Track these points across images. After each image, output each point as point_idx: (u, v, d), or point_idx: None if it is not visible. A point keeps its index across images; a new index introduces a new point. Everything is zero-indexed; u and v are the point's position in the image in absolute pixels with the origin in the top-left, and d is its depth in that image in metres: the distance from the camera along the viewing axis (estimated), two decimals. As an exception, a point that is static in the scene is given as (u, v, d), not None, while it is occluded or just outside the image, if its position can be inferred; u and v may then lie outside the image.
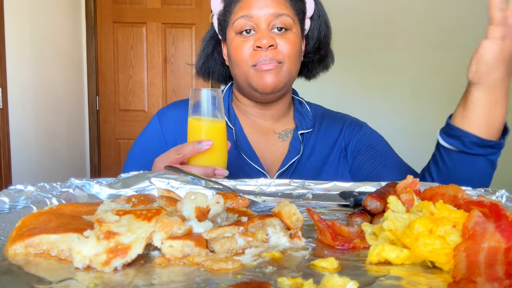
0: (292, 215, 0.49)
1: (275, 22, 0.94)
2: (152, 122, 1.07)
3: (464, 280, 0.36)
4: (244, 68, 0.95)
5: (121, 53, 3.47)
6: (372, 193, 0.56)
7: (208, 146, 0.78)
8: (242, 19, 0.94)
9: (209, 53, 1.09)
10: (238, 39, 0.96)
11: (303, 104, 1.12)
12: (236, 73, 0.99)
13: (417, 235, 0.41)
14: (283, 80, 0.95)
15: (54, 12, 2.99)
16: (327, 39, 1.07)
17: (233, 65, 1.00)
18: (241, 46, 0.95)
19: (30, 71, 2.70)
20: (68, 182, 0.66)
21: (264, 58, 0.92)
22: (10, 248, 0.42)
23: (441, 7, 3.15)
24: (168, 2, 3.40)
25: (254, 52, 0.93)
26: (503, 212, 0.40)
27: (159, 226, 0.41)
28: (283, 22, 0.94)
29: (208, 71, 1.11)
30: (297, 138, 1.04)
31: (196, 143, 0.78)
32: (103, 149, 3.57)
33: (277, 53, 0.93)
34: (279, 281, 0.36)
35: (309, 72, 1.11)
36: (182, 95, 3.49)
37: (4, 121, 2.44)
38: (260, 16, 0.93)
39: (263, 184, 0.75)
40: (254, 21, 0.94)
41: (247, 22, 0.94)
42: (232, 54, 0.98)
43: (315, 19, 1.04)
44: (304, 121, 1.07)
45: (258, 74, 0.94)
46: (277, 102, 1.05)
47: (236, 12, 0.96)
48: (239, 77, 0.99)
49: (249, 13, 0.93)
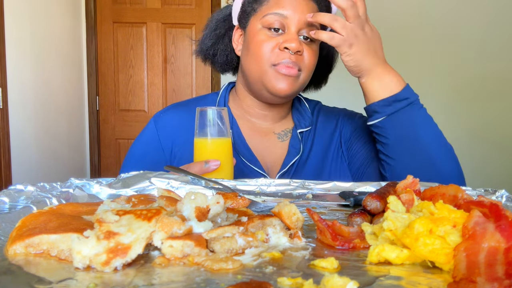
0: (292, 215, 0.48)
1: (304, 29, 0.92)
2: (148, 127, 1.05)
3: (464, 280, 0.36)
4: (263, 66, 0.92)
5: (121, 53, 3.47)
6: (372, 193, 0.56)
7: (215, 166, 0.79)
8: (274, 15, 0.91)
9: (220, 35, 1.05)
10: (264, 34, 0.92)
11: (302, 101, 1.11)
12: (251, 67, 0.95)
13: (417, 235, 0.41)
14: (296, 88, 0.95)
15: (54, 12, 2.99)
16: (330, 67, 1.11)
17: (250, 58, 0.95)
18: (266, 42, 0.92)
19: (30, 71, 2.70)
20: (68, 182, 0.66)
21: (288, 61, 0.90)
22: (10, 248, 0.42)
23: (441, 8, 3.15)
24: (168, 2, 3.40)
25: (279, 52, 0.91)
26: (503, 212, 0.40)
27: (159, 226, 0.41)
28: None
29: (214, 55, 1.07)
30: (296, 137, 1.03)
31: (204, 163, 0.78)
32: (103, 149, 3.57)
33: (301, 60, 0.92)
34: (279, 281, 0.36)
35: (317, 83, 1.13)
36: (182, 95, 3.49)
37: (4, 121, 2.44)
38: (294, 19, 0.91)
39: (263, 184, 0.75)
40: (286, 21, 0.91)
41: (279, 20, 0.91)
42: (253, 47, 0.94)
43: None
44: (302, 120, 1.06)
45: (276, 76, 0.92)
46: (280, 106, 1.04)
47: (271, 5, 0.93)
48: (253, 73, 0.95)
49: (284, 12, 0.91)
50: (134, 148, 1.05)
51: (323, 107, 1.14)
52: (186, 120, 1.03)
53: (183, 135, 1.01)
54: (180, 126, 1.03)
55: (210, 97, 1.10)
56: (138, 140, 1.06)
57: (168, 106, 1.10)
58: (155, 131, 1.03)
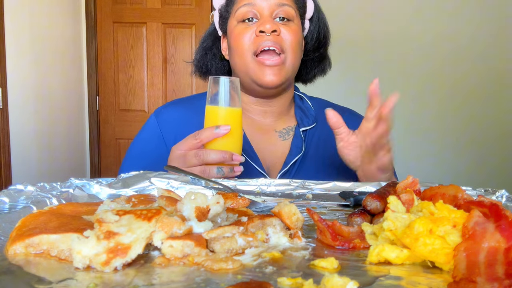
0: (292, 215, 0.48)
1: (278, 11, 0.94)
2: (149, 122, 1.05)
3: (464, 280, 0.36)
4: (246, 58, 0.94)
5: (121, 53, 3.47)
6: (372, 193, 0.56)
7: (226, 131, 0.78)
8: (245, 7, 0.94)
9: (207, 47, 1.08)
10: (240, 27, 0.95)
11: (304, 99, 1.11)
12: (236, 63, 0.98)
13: (417, 235, 0.41)
14: (286, 75, 0.95)
15: (54, 12, 2.98)
16: (326, 40, 1.07)
17: (233, 55, 0.98)
18: (243, 33, 0.94)
19: (30, 71, 2.69)
20: (68, 182, 0.66)
21: (266, 42, 0.91)
22: (10, 248, 0.42)
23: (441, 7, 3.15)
24: (168, 2, 3.40)
25: (256, 38, 0.93)
26: (503, 212, 0.40)
27: (159, 226, 0.41)
28: (286, 12, 0.94)
29: (206, 66, 1.10)
30: (299, 136, 1.02)
31: (215, 128, 0.79)
32: (103, 149, 3.57)
33: (280, 40, 0.93)
34: (279, 281, 0.36)
35: (306, 74, 1.11)
36: (182, 95, 3.48)
37: (4, 121, 2.44)
38: (263, 5, 0.94)
39: (263, 184, 0.75)
40: (257, 9, 0.94)
41: (250, 10, 0.94)
42: (233, 43, 0.97)
43: (314, 21, 1.04)
44: (305, 117, 1.05)
45: (261, 68, 0.93)
46: (278, 98, 1.03)
47: (239, 1, 0.96)
48: (240, 68, 0.97)
49: (252, 1, 0.94)
50: (135, 143, 1.05)
51: (328, 103, 1.13)
52: (187, 115, 1.03)
53: (185, 130, 1.01)
54: (181, 121, 1.03)
55: None
56: (139, 135, 1.06)
57: (168, 103, 1.11)
58: (156, 126, 1.04)
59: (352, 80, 3.11)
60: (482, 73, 3.18)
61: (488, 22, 3.13)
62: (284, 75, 0.95)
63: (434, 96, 3.17)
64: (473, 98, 3.20)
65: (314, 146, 1.03)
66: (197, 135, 0.79)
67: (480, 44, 3.16)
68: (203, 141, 0.79)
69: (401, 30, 3.18)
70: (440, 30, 3.16)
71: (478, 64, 3.17)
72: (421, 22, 3.17)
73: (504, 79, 3.18)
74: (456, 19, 3.14)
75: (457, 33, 3.15)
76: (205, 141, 0.79)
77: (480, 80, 3.18)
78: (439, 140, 3.21)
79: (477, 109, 3.21)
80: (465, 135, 3.21)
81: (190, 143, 0.79)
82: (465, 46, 3.17)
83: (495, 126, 3.20)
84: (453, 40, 3.16)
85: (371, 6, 3.17)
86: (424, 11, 3.16)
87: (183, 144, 0.81)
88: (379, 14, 3.18)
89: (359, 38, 3.14)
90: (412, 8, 3.17)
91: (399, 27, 3.17)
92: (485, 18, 3.13)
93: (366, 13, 3.16)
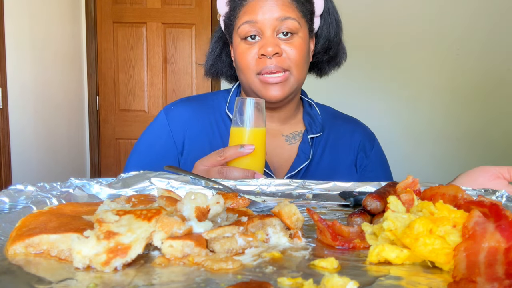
0: (292, 215, 0.48)
1: (280, 27, 0.91)
2: (159, 118, 1.05)
3: (464, 280, 0.36)
4: (250, 76, 0.94)
5: (121, 53, 3.47)
6: (372, 193, 0.56)
7: (250, 150, 0.80)
8: (246, 24, 0.92)
9: (216, 55, 1.08)
10: (243, 46, 0.94)
11: (312, 106, 1.10)
12: (241, 79, 0.99)
13: (417, 235, 0.41)
14: (290, 89, 0.95)
15: (54, 12, 2.98)
16: (337, 38, 1.04)
17: (238, 71, 0.99)
18: (246, 53, 0.93)
19: (30, 71, 2.69)
20: (68, 182, 0.66)
21: (269, 66, 0.90)
22: (10, 248, 0.42)
23: (440, 8, 3.15)
24: (168, 2, 3.40)
25: (259, 60, 0.92)
26: (503, 212, 0.40)
27: (159, 226, 0.41)
28: (288, 26, 0.91)
29: (217, 73, 1.10)
30: (307, 142, 1.02)
31: (239, 147, 0.80)
32: (103, 149, 3.57)
33: (283, 61, 0.91)
34: (279, 281, 0.36)
35: (319, 71, 1.10)
36: (182, 95, 3.48)
37: (4, 121, 2.44)
38: (265, 21, 0.91)
39: (263, 184, 0.75)
40: (258, 26, 0.91)
41: (252, 28, 0.92)
42: (237, 60, 0.97)
43: (324, 17, 1.01)
44: (314, 125, 1.05)
45: (265, 86, 0.92)
46: (284, 106, 1.03)
47: (241, 16, 0.94)
48: (244, 83, 0.99)
49: (254, 18, 0.91)
50: (143, 139, 1.04)
51: (337, 113, 1.12)
52: (196, 114, 1.03)
53: (194, 128, 1.01)
54: (191, 119, 1.03)
55: (221, 94, 1.11)
56: (147, 131, 1.06)
57: (177, 100, 1.10)
58: (166, 123, 1.03)
59: (350, 80, 3.11)
60: (482, 73, 3.18)
61: (488, 21, 3.13)
62: (289, 90, 0.94)
63: (434, 96, 3.17)
64: (474, 98, 3.20)
65: (319, 154, 1.03)
66: (221, 152, 0.80)
67: (480, 44, 3.16)
68: (227, 159, 0.80)
69: (401, 31, 3.18)
70: (441, 31, 3.17)
71: (480, 63, 3.18)
72: (421, 22, 3.18)
73: (505, 79, 3.18)
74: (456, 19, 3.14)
75: (458, 35, 3.15)
76: (229, 159, 0.81)
77: (481, 80, 3.19)
78: (439, 140, 3.21)
79: (477, 109, 3.21)
80: (465, 135, 3.21)
81: (214, 159, 0.80)
82: (465, 46, 3.17)
83: (495, 126, 3.21)
84: (453, 41, 3.16)
85: (368, 8, 3.17)
86: (424, 11, 3.17)
87: (207, 160, 0.82)
88: (378, 16, 3.18)
89: (358, 40, 3.14)
90: (412, 8, 3.17)
91: (399, 27, 3.17)
92: (485, 18, 3.13)
93: (365, 15, 3.16)
